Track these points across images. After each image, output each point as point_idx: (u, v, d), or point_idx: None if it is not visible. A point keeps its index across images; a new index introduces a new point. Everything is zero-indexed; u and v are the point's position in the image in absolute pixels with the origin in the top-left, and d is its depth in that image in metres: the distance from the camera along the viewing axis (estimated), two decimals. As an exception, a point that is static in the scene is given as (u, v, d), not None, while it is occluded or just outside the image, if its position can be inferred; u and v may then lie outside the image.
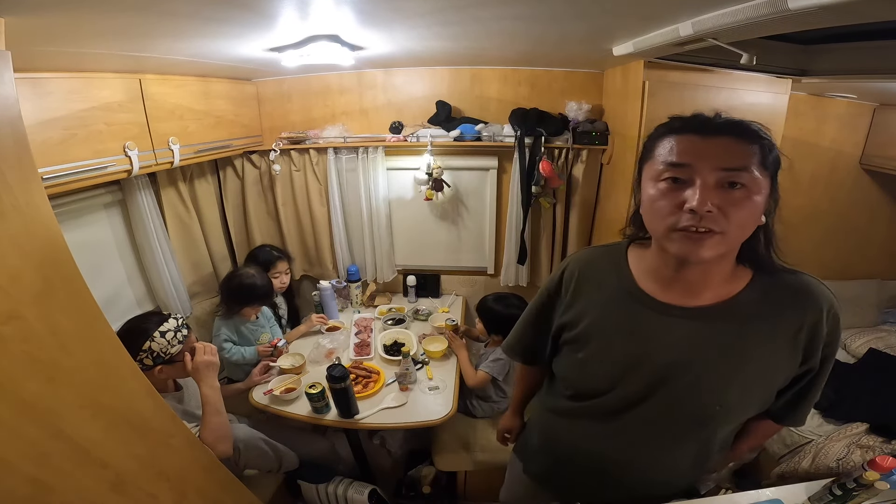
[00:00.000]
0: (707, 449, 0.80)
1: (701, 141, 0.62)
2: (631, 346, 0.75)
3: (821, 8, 0.74)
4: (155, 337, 1.23)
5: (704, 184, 0.60)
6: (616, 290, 0.78)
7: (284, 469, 1.57)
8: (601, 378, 0.79)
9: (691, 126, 0.64)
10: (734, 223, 0.60)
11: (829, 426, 1.82)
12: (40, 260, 0.77)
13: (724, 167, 0.60)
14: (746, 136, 0.62)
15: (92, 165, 1.23)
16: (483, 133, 2.01)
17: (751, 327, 0.70)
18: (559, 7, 1.02)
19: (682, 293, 0.72)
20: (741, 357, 0.70)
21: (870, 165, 2.30)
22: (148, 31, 1.05)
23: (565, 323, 0.85)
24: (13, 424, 0.72)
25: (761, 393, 0.72)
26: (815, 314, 0.69)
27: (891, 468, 0.87)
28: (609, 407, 0.79)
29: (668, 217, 0.63)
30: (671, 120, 0.68)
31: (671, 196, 0.63)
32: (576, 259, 0.88)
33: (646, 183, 0.68)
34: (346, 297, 2.36)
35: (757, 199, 0.61)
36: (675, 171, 0.62)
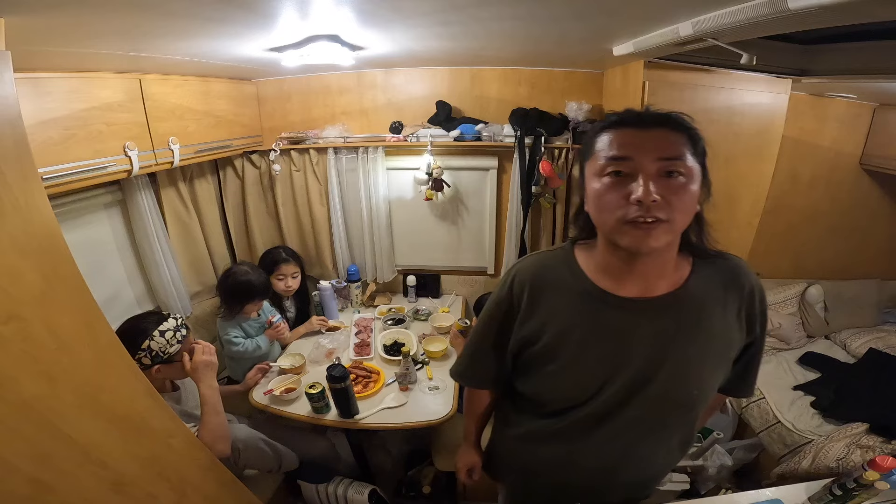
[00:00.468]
0: (690, 431, 0.86)
1: (638, 133, 0.65)
2: (604, 348, 0.74)
3: (821, 8, 0.74)
4: (154, 336, 1.22)
5: (647, 174, 0.62)
6: (574, 292, 0.76)
7: (284, 469, 1.57)
8: (580, 387, 0.77)
9: (627, 120, 0.67)
10: (677, 210, 0.63)
11: (829, 426, 1.82)
12: (40, 260, 0.77)
13: (663, 157, 0.62)
14: (678, 126, 0.66)
15: (92, 165, 1.23)
16: (483, 133, 2.01)
17: (706, 309, 0.74)
18: (559, 7, 1.02)
19: (639, 286, 0.73)
20: (706, 338, 0.74)
21: (870, 165, 2.30)
22: (148, 31, 1.05)
23: (526, 337, 0.80)
24: (13, 424, 0.72)
25: (724, 368, 0.77)
26: (749, 290, 0.76)
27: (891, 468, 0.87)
28: (594, 415, 0.77)
29: (616, 210, 0.64)
30: (607, 116, 0.70)
31: (616, 189, 0.64)
32: (522, 268, 0.83)
33: (590, 179, 0.70)
34: (346, 297, 2.36)
35: (693, 187, 0.65)
36: (618, 165, 0.64)
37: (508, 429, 0.95)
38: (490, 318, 0.86)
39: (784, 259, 2.53)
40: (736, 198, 1.77)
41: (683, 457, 0.92)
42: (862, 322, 2.48)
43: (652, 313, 0.73)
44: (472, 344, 0.93)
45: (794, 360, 2.30)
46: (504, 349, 0.85)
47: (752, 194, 1.78)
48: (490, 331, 0.86)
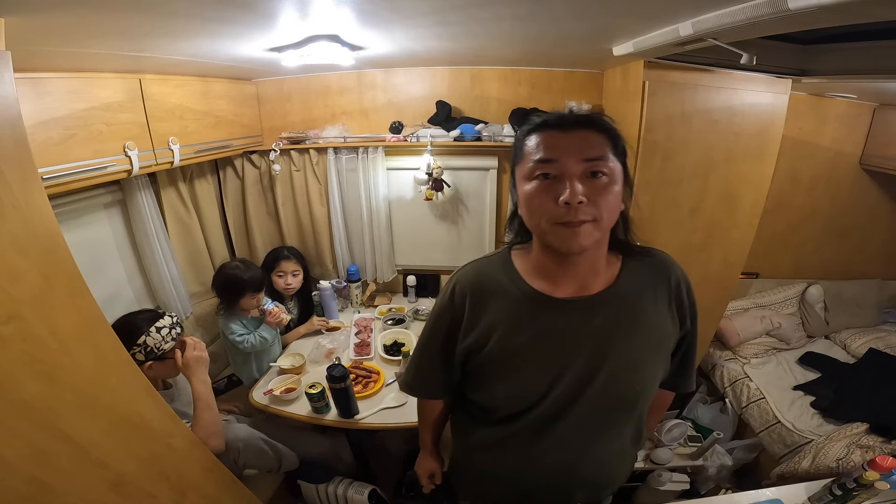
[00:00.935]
0: (639, 426, 0.87)
1: (562, 135, 0.66)
2: (547, 350, 0.75)
3: (821, 8, 0.74)
4: (150, 332, 1.23)
5: (572, 175, 0.64)
6: (513, 296, 0.77)
7: (284, 469, 1.57)
8: (527, 390, 0.77)
9: (550, 122, 0.68)
10: (603, 209, 0.65)
11: (829, 426, 1.82)
12: (40, 260, 0.77)
13: (586, 158, 0.65)
14: (599, 127, 0.68)
15: (92, 165, 1.23)
16: (483, 133, 2.01)
17: (639, 304, 0.76)
18: (559, 7, 1.02)
19: (574, 286, 0.75)
20: (642, 333, 0.76)
21: (870, 165, 2.31)
22: (148, 31, 1.05)
23: (471, 345, 0.80)
24: (13, 424, 0.72)
25: (663, 361, 0.80)
26: (675, 282, 0.79)
27: (891, 468, 0.87)
28: (545, 417, 0.78)
29: (546, 212, 0.66)
30: (531, 119, 0.72)
31: (545, 192, 0.66)
32: (462, 275, 0.83)
33: (520, 183, 0.71)
34: (346, 297, 2.36)
35: (617, 187, 0.67)
36: (544, 167, 0.66)
37: (465, 439, 0.95)
38: (434, 328, 0.86)
39: (784, 259, 2.53)
40: (736, 198, 1.77)
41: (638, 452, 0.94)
42: (862, 322, 2.48)
43: (588, 312, 0.75)
44: (418, 355, 0.92)
45: (794, 360, 2.30)
46: (451, 358, 0.85)
47: (752, 194, 1.78)
48: (435, 341, 0.86)
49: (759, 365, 2.27)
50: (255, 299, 1.80)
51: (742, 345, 2.33)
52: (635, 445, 0.90)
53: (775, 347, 2.38)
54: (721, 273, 1.92)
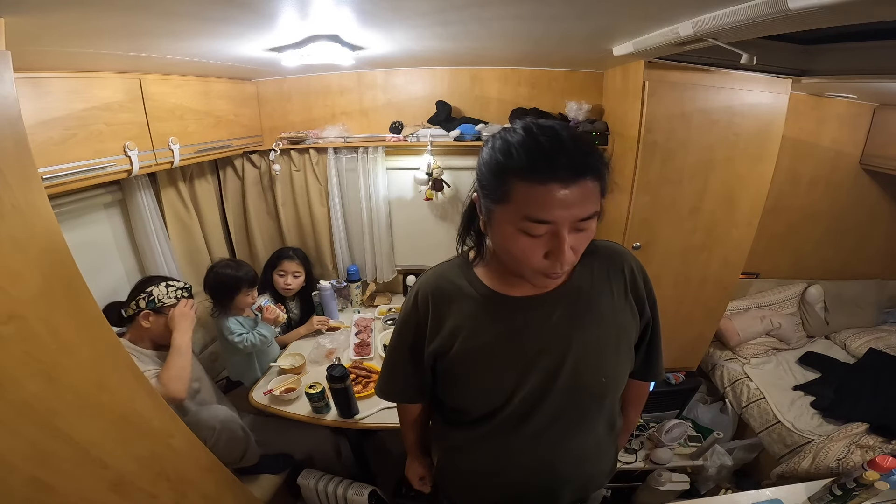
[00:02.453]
0: (612, 419, 0.89)
1: (562, 191, 0.58)
2: (509, 348, 0.76)
3: (821, 8, 0.74)
4: (160, 285, 1.40)
5: (565, 238, 0.62)
6: (472, 298, 0.78)
7: (245, 463, 1.52)
8: (495, 389, 0.78)
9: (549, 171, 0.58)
10: (581, 252, 0.67)
11: (829, 426, 1.82)
12: (40, 260, 0.77)
13: (583, 218, 0.61)
14: (598, 174, 0.61)
15: (92, 165, 1.23)
16: (483, 133, 2.01)
17: (596, 296, 0.77)
18: (559, 7, 1.02)
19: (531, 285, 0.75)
20: (601, 325, 0.77)
21: (870, 165, 2.31)
22: (148, 31, 1.05)
23: (437, 350, 0.80)
24: (13, 424, 0.72)
25: (626, 352, 0.81)
26: (629, 269, 0.80)
27: (891, 468, 0.87)
28: (516, 415, 0.78)
29: (530, 263, 0.65)
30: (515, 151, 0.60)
31: (533, 245, 0.63)
32: (424, 282, 0.84)
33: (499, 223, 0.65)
34: (346, 297, 2.36)
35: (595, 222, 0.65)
36: (538, 228, 0.61)
37: (443, 442, 0.95)
38: (401, 335, 0.87)
39: (784, 259, 2.53)
40: (736, 198, 1.77)
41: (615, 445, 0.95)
42: (862, 322, 2.48)
43: (547, 308, 0.76)
44: (389, 362, 0.92)
45: (794, 360, 2.31)
46: (420, 363, 0.85)
47: (751, 194, 1.78)
48: (403, 348, 0.86)
49: (759, 365, 2.27)
50: (249, 296, 1.79)
51: (742, 345, 2.33)
52: (610, 438, 0.90)
53: (775, 347, 2.38)
54: (721, 273, 1.92)
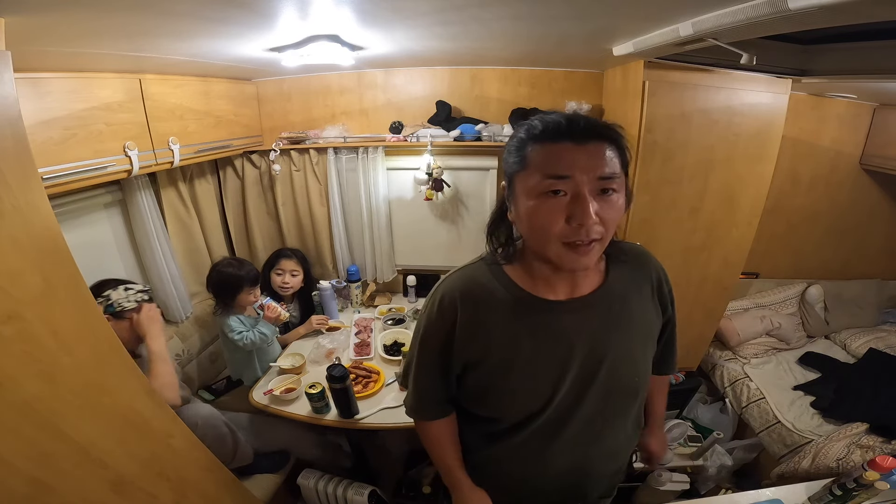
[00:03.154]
0: (639, 417, 0.91)
1: (576, 149, 0.60)
2: (548, 353, 0.74)
3: (821, 8, 0.74)
4: (118, 288, 1.33)
5: (587, 195, 0.60)
6: (508, 303, 0.74)
7: (238, 463, 1.52)
8: (534, 395, 0.76)
9: (562, 132, 0.61)
10: (610, 226, 0.64)
11: (829, 426, 1.82)
12: (40, 260, 0.77)
13: (601, 176, 0.60)
14: (612, 139, 0.63)
15: (92, 165, 1.23)
16: (483, 133, 2.01)
17: (628, 298, 0.78)
18: (559, 7, 1.02)
19: (567, 288, 0.76)
20: (633, 326, 0.78)
21: (870, 165, 2.31)
22: (148, 31, 1.05)
23: (470, 358, 0.77)
24: (13, 424, 0.72)
25: (651, 350, 0.83)
26: (656, 272, 0.83)
27: (891, 468, 0.87)
28: (553, 420, 0.77)
29: (553, 232, 0.62)
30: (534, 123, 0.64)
31: (554, 209, 0.61)
32: (448, 286, 0.79)
33: (522, 195, 0.65)
34: (346, 297, 2.36)
35: (622, 202, 0.65)
36: (558, 184, 0.60)
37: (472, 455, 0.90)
38: (426, 346, 0.82)
39: (784, 259, 2.53)
40: (736, 198, 1.77)
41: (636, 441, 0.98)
42: (862, 322, 2.48)
43: (584, 312, 0.75)
44: (416, 377, 0.86)
45: (794, 360, 2.30)
46: (449, 373, 0.82)
47: (751, 194, 1.78)
48: (431, 360, 0.82)
49: (759, 365, 2.27)
50: (251, 295, 1.80)
51: (742, 345, 2.33)
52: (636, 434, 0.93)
53: (775, 347, 2.38)
54: (721, 273, 1.92)
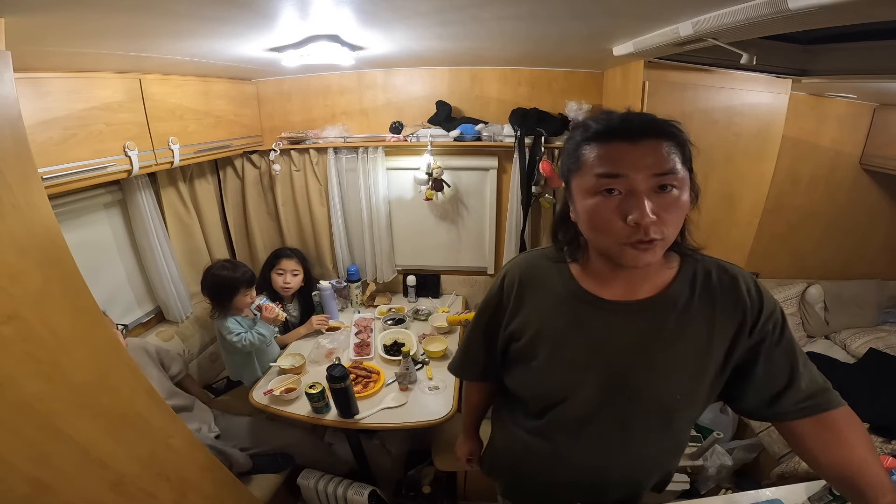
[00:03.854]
0: (679, 439, 0.84)
1: (630, 148, 0.60)
2: (582, 348, 0.74)
3: (821, 8, 0.74)
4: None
5: (642, 193, 0.59)
6: (558, 291, 0.77)
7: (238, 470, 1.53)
8: (558, 384, 0.77)
9: (616, 132, 0.62)
10: (671, 226, 0.62)
11: (829, 426, 1.82)
12: (40, 260, 0.77)
13: (658, 173, 0.59)
14: (669, 135, 0.62)
15: (92, 165, 1.23)
16: (483, 133, 2.01)
17: (688, 315, 0.71)
18: (559, 7, 1.02)
19: (623, 289, 0.73)
20: (686, 344, 0.71)
21: (870, 165, 2.30)
22: (148, 31, 1.05)
23: (512, 332, 0.82)
24: (13, 424, 0.72)
25: (710, 381, 0.73)
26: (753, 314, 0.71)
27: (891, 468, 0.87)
28: (573, 415, 0.77)
29: (612, 231, 0.62)
30: (587, 123, 0.66)
31: (611, 209, 0.61)
32: (515, 265, 0.85)
33: (578, 195, 0.66)
34: (346, 297, 2.36)
35: (685, 197, 0.63)
36: (611, 183, 0.61)
37: (501, 425, 0.97)
38: (482, 312, 0.90)
39: (784, 259, 2.53)
40: (736, 198, 1.77)
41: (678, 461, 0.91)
42: (862, 322, 2.48)
43: (633, 316, 0.73)
44: (466, 338, 0.96)
45: (794, 360, 2.30)
46: (494, 343, 0.87)
47: (752, 194, 1.78)
48: (481, 325, 0.90)
49: (759, 365, 2.27)
50: (248, 296, 1.79)
51: (742, 345, 2.32)
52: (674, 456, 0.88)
53: (775, 347, 2.38)
54: (721, 273, 1.92)
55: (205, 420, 1.64)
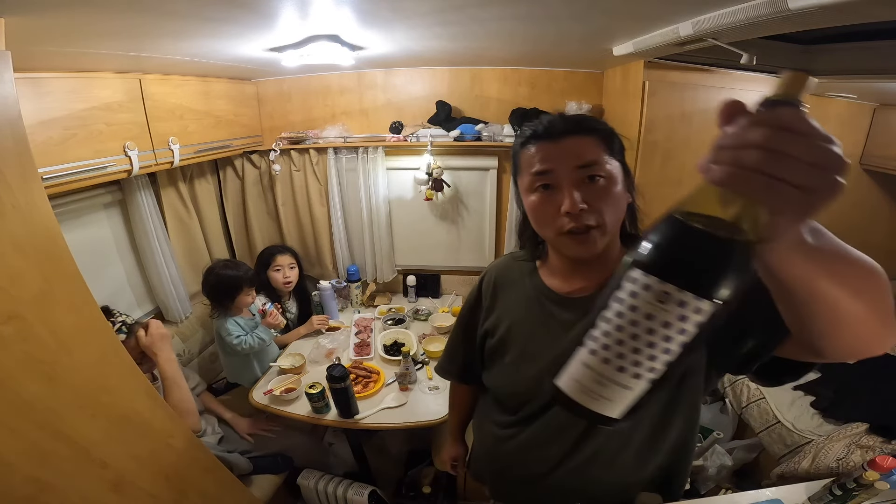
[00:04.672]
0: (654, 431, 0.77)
1: (553, 146, 0.67)
2: (546, 343, 0.77)
3: (821, 8, 0.74)
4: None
5: (569, 184, 0.65)
6: (527, 290, 0.82)
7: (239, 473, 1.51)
8: (527, 380, 0.79)
9: (540, 133, 0.69)
10: (606, 213, 0.66)
11: (829, 426, 1.82)
12: (40, 260, 0.77)
13: (579, 165, 0.65)
14: (590, 131, 0.68)
15: (92, 165, 1.23)
16: (483, 133, 2.01)
17: None
18: (559, 7, 1.02)
19: (583, 284, 0.76)
20: None
21: (870, 165, 2.30)
22: (148, 31, 1.05)
23: (487, 330, 0.87)
24: (13, 424, 0.72)
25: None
26: None
27: (891, 468, 0.87)
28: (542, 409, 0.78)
29: (551, 223, 0.68)
30: (523, 130, 0.73)
31: (546, 202, 0.68)
32: (493, 266, 0.92)
33: (524, 195, 0.73)
34: (346, 297, 2.36)
35: (617, 187, 0.67)
36: (542, 179, 0.68)
37: (480, 425, 0.99)
38: (462, 313, 0.95)
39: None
40: (736, 198, 1.77)
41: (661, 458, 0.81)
42: (862, 322, 2.48)
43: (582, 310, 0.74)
44: (450, 340, 1.01)
45: (794, 360, 2.30)
46: (473, 342, 0.91)
47: (751, 194, 1.78)
48: (461, 325, 0.95)
49: (759, 365, 2.27)
50: (250, 296, 1.80)
51: (742, 345, 2.32)
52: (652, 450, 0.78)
53: (775, 347, 2.38)
54: (721, 273, 1.92)
55: (209, 422, 1.64)
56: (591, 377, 0.38)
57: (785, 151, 0.29)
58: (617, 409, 0.39)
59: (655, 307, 0.33)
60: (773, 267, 0.38)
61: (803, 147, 0.29)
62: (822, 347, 0.45)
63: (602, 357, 0.37)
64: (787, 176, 0.29)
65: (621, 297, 0.35)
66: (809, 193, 0.29)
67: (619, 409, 0.39)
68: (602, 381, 0.37)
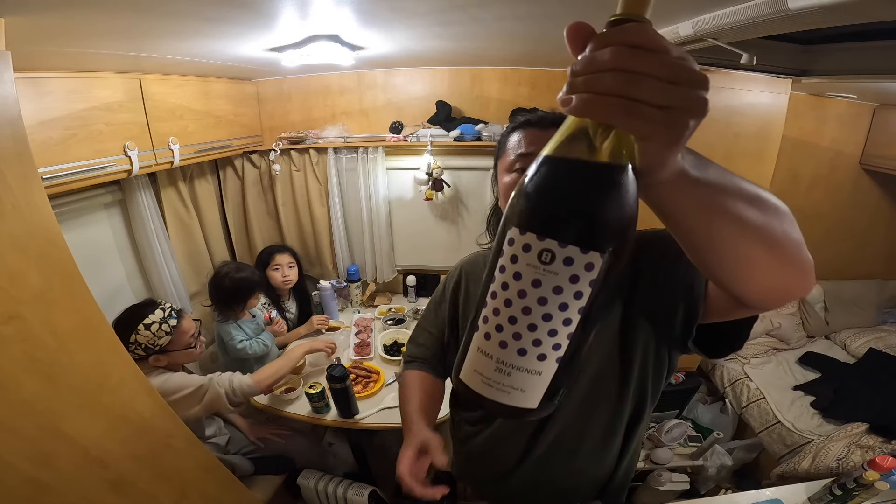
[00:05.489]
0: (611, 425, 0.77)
1: (542, 133, 0.70)
2: None
3: (821, 8, 0.74)
4: (139, 330, 1.23)
5: None
6: None
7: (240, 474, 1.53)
8: None
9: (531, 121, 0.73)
10: None
11: (829, 426, 1.82)
12: (40, 260, 0.77)
13: None
14: None
15: (92, 165, 1.23)
16: (483, 133, 2.01)
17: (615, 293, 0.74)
18: (558, 7, 1.02)
19: None
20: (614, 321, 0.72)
21: (870, 165, 2.31)
22: (148, 31, 1.05)
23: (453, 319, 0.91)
24: (13, 424, 0.72)
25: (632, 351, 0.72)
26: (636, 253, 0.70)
27: (891, 468, 0.87)
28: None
29: None
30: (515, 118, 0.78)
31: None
32: (465, 260, 0.97)
33: (501, 175, 0.77)
34: (346, 297, 2.36)
35: None
36: (523, 160, 0.70)
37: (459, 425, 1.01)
38: (430, 304, 1.00)
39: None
40: (736, 198, 1.77)
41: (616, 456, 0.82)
42: (862, 322, 2.48)
43: None
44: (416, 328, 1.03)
45: (794, 360, 2.30)
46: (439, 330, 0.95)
47: (752, 194, 1.78)
48: (429, 315, 0.99)
49: (759, 365, 2.27)
50: (257, 298, 1.83)
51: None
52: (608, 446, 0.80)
53: (775, 347, 2.38)
54: (721, 273, 1.92)
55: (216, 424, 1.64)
56: (491, 366, 0.33)
57: (638, 70, 0.27)
58: (530, 399, 0.34)
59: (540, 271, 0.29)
60: (658, 204, 0.35)
61: (656, 64, 0.27)
62: (741, 295, 0.42)
63: (498, 340, 0.32)
64: (646, 96, 0.27)
65: (503, 265, 0.31)
66: (673, 113, 0.27)
67: (534, 399, 0.34)
68: (504, 370, 0.33)
